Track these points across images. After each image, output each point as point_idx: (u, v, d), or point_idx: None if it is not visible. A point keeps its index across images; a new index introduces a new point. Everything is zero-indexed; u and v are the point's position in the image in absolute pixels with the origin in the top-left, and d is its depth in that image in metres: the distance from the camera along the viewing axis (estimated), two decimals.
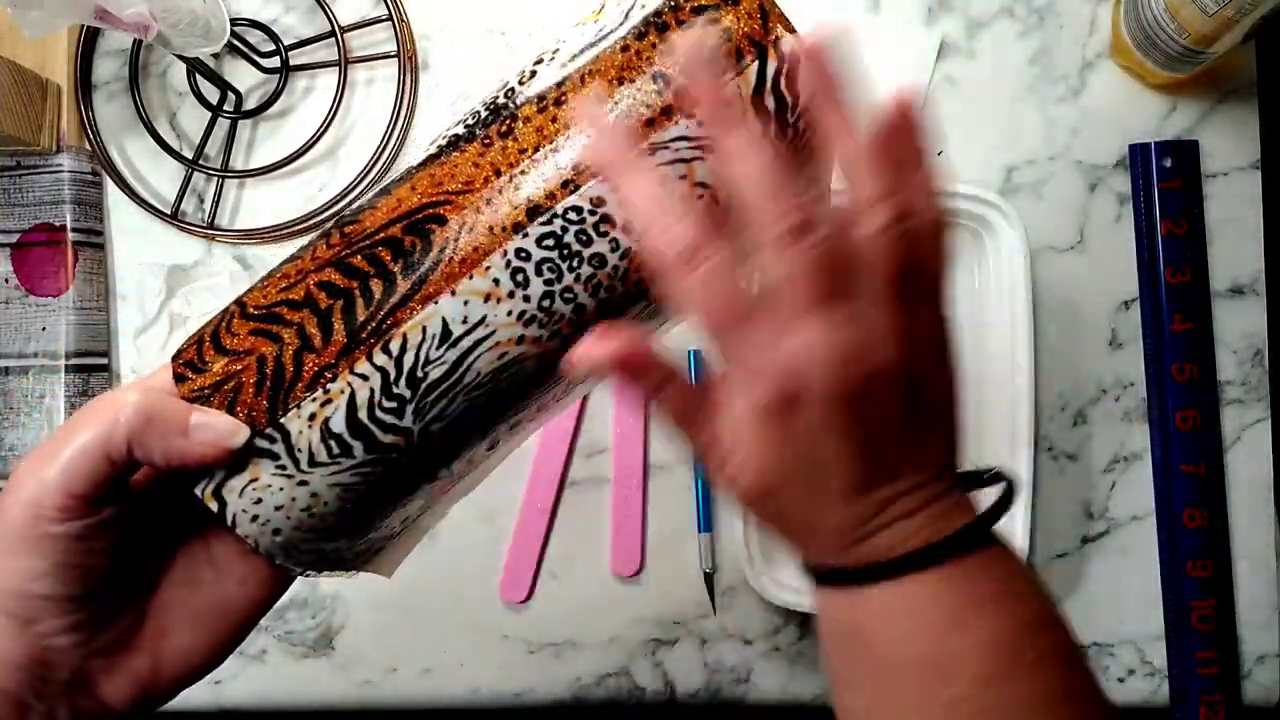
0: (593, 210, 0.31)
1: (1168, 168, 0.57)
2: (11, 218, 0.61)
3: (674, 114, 0.31)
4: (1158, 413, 0.58)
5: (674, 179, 0.31)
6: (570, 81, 0.32)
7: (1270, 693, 0.58)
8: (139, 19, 0.50)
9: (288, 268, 0.33)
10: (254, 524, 0.32)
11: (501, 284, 0.31)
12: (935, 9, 0.59)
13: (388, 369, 0.31)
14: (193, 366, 0.32)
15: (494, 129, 0.32)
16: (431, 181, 0.32)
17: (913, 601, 0.31)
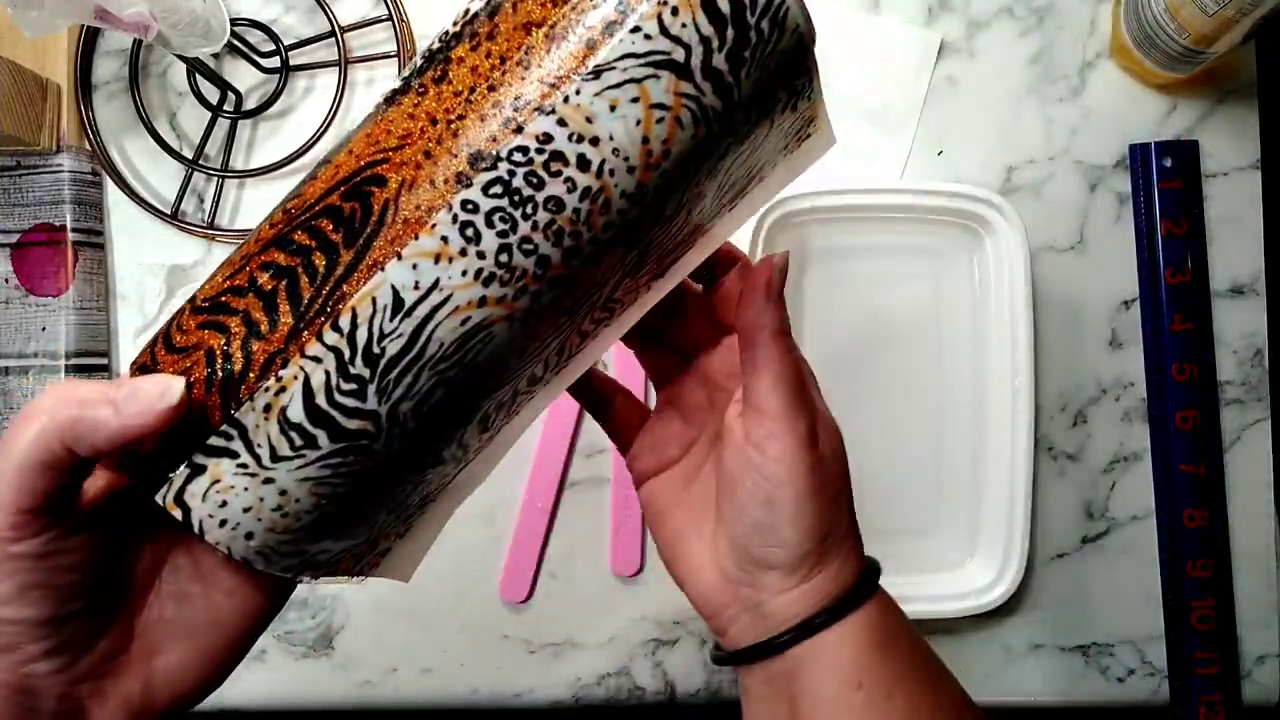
0: (540, 149, 0.27)
1: (1168, 168, 0.57)
2: (11, 218, 0.61)
3: (615, 29, 0.27)
4: (1158, 413, 0.58)
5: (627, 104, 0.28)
6: (502, 12, 0.28)
7: (1270, 693, 0.58)
8: (139, 19, 0.50)
9: (234, 255, 0.31)
10: (223, 529, 0.29)
11: (451, 242, 0.28)
12: (935, 9, 0.59)
13: (340, 348, 0.28)
14: (144, 369, 0.30)
15: (428, 75, 0.29)
16: (368, 141, 0.29)
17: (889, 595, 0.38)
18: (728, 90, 0.29)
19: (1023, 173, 0.59)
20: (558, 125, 0.27)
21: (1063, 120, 0.59)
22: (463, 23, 0.29)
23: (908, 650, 0.37)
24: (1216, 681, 0.57)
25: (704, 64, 0.28)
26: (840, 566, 0.36)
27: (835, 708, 0.35)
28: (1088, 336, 0.59)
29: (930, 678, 0.37)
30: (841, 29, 0.59)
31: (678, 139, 0.28)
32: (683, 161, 0.29)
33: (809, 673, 0.35)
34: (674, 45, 0.27)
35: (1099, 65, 0.59)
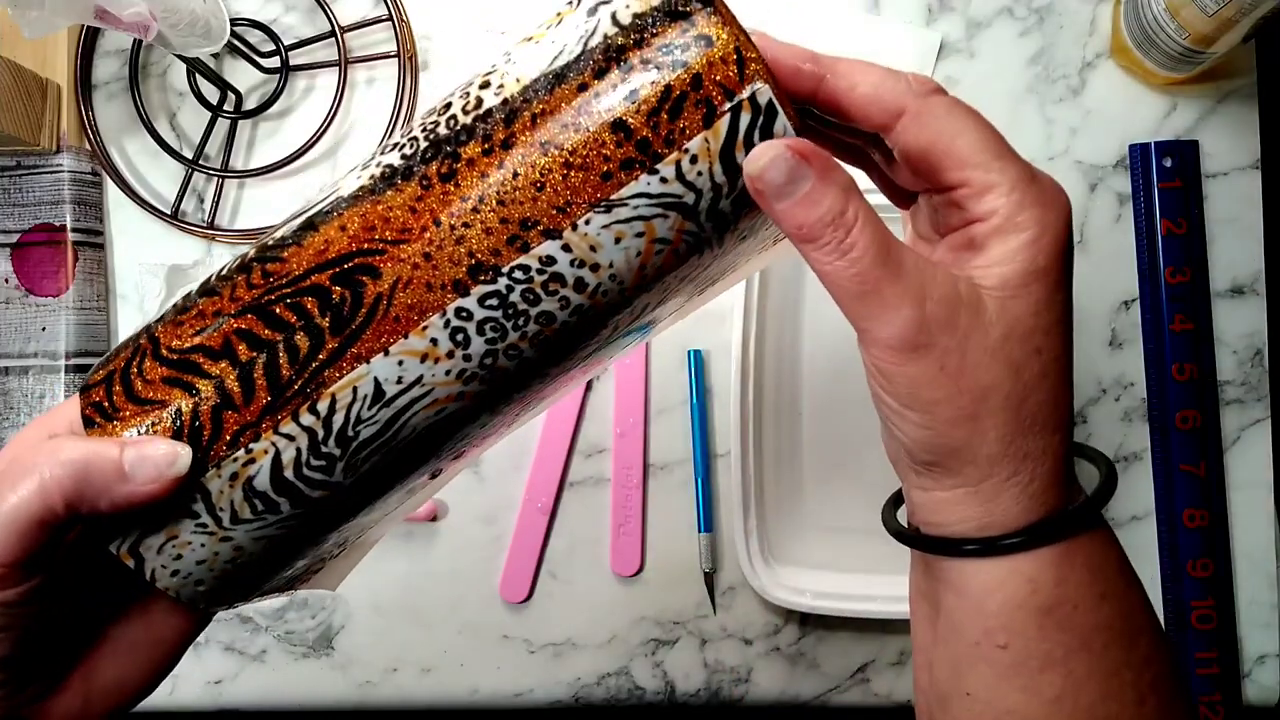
0: (541, 270, 0.28)
1: (1168, 168, 0.57)
2: (11, 218, 0.61)
3: (634, 169, 0.28)
4: (1158, 413, 0.58)
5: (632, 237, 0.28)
6: (520, 120, 0.28)
7: (1270, 693, 0.58)
8: (139, 19, 0.50)
9: (204, 304, 0.30)
10: (174, 578, 0.30)
11: (440, 344, 0.28)
12: (935, 9, 0.59)
13: (315, 429, 0.29)
14: (102, 411, 0.29)
15: (434, 168, 0.28)
16: (363, 223, 0.29)
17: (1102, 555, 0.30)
18: (726, 226, 0.29)
19: None
20: (562, 250, 0.28)
21: (1063, 120, 0.59)
22: (474, 116, 0.29)
23: (1089, 627, 0.30)
24: (1216, 681, 0.57)
25: (711, 207, 0.29)
26: (996, 496, 0.30)
27: (975, 652, 0.30)
28: (1088, 336, 0.59)
29: (1110, 667, 0.30)
30: (841, 29, 0.59)
31: (671, 264, 0.29)
32: (670, 278, 0.30)
33: (952, 597, 0.31)
34: (687, 190, 0.28)
35: (1099, 65, 0.59)
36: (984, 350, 0.28)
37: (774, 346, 0.58)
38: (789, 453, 0.58)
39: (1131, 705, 0.30)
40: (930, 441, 0.29)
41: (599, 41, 0.28)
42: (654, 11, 0.28)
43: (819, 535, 0.58)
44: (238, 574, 0.31)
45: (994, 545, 0.30)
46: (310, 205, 0.30)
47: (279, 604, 0.61)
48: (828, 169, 0.28)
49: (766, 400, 0.57)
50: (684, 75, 0.28)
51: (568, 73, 0.28)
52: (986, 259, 0.29)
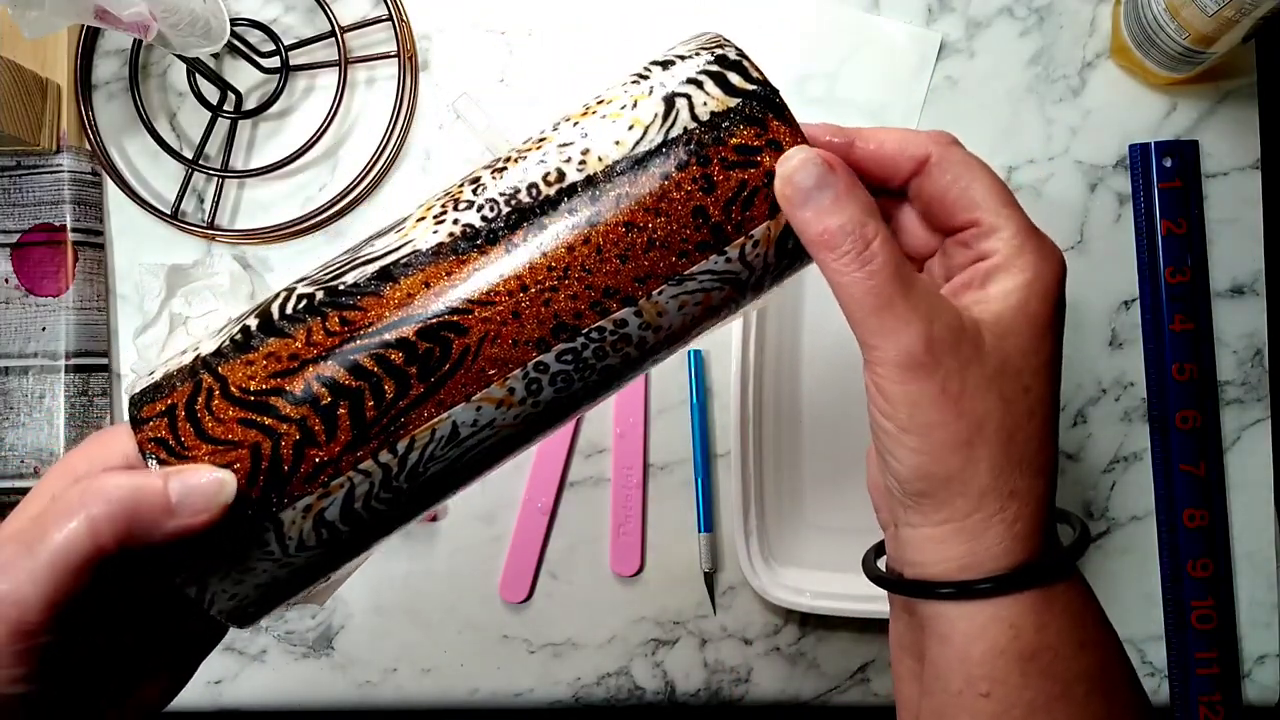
0: (614, 331, 0.31)
1: (1168, 168, 0.57)
2: (11, 218, 0.61)
3: (707, 250, 0.31)
4: (1158, 413, 0.58)
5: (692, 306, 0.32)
6: (606, 199, 0.31)
7: (1270, 693, 0.58)
8: (139, 19, 0.50)
9: (276, 345, 0.31)
10: (231, 602, 0.31)
11: (516, 393, 0.31)
12: (935, 9, 0.59)
13: (391, 466, 0.31)
14: (166, 447, 0.30)
15: (519, 234, 0.31)
16: (448, 281, 0.31)
17: (1081, 603, 0.31)
18: (760, 292, 0.33)
19: (1023, 173, 0.59)
20: (635, 315, 0.31)
21: (1063, 120, 0.59)
22: (558, 189, 0.31)
23: (1071, 675, 0.30)
24: (1216, 681, 0.57)
25: (756, 281, 0.33)
26: (982, 533, 0.30)
27: (957, 703, 0.31)
28: (1088, 336, 0.59)
29: (1094, 716, 0.30)
30: (841, 29, 0.59)
31: (710, 324, 0.33)
32: (702, 332, 0.34)
33: (936, 645, 0.31)
34: (744, 268, 0.32)
35: (1099, 65, 0.59)
36: (982, 379, 0.30)
37: (774, 346, 0.58)
38: (789, 453, 0.58)
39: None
40: (925, 468, 0.30)
41: (680, 133, 0.31)
42: (731, 112, 0.31)
43: (819, 535, 0.58)
44: (282, 594, 0.32)
45: (976, 587, 0.30)
46: (381, 253, 0.32)
47: None
48: (853, 183, 0.31)
49: (766, 400, 0.57)
50: (758, 173, 0.31)
51: (650, 160, 0.31)
52: (985, 295, 0.31)
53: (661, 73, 0.33)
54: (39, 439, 0.60)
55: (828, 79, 0.59)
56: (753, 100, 0.31)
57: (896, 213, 0.35)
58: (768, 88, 0.32)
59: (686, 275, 0.31)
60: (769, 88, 0.32)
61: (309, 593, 0.35)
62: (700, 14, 0.60)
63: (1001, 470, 0.30)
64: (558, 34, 0.61)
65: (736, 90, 0.32)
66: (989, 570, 0.30)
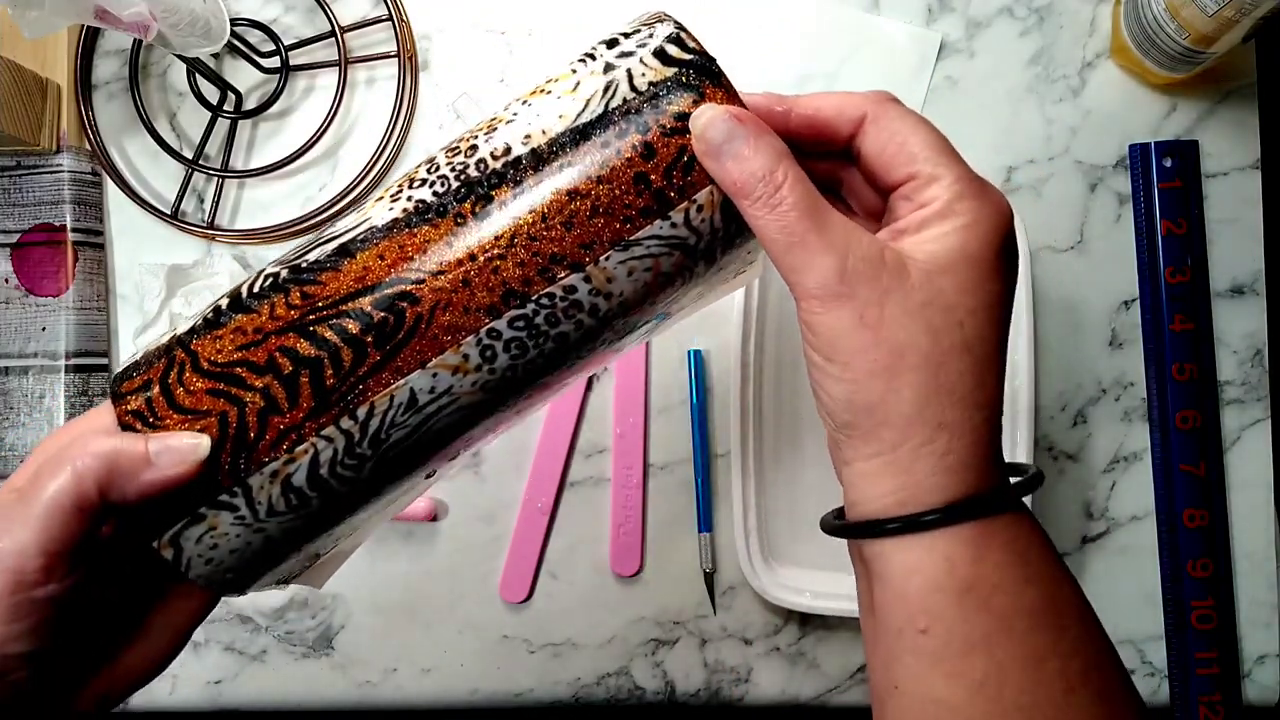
0: (564, 298, 0.32)
1: (1168, 168, 0.57)
2: (11, 218, 0.61)
3: (651, 215, 0.32)
4: (1158, 413, 0.58)
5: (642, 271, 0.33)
6: (549, 169, 0.32)
7: (1270, 693, 0.58)
8: (139, 19, 0.50)
9: (242, 320, 0.32)
10: (207, 567, 0.33)
11: (470, 359, 0.32)
12: (935, 9, 0.59)
13: (353, 432, 0.32)
14: (142, 418, 0.32)
15: (467, 206, 0.32)
16: (401, 254, 0.32)
17: (1026, 539, 0.31)
18: (714, 261, 0.34)
19: (1023, 173, 0.59)
20: (584, 281, 0.32)
21: (1063, 120, 0.59)
22: (504, 162, 0.33)
23: (1011, 610, 0.30)
24: (1216, 681, 0.57)
25: (707, 247, 0.33)
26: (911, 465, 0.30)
27: (898, 642, 0.31)
28: (1088, 336, 0.59)
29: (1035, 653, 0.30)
30: (841, 29, 0.59)
31: (666, 293, 0.34)
32: (662, 303, 0.35)
33: (878, 584, 0.31)
34: (690, 233, 0.33)
35: (1099, 65, 0.59)
36: (903, 309, 0.30)
37: (774, 346, 0.58)
38: (789, 453, 0.58)
39: (1059, 694, 0.30)
40: (848, 397, 0.31)
41: (619, 104, 0.32)
42: (668, 81, 0.33)
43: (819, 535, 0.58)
44: (259, 562, 0.34)
45: (911, 522, 0.30)
46: (341, 232, 0.33)
47: (279, 604, 0.61)
48: (761, 132, 0.32)
49: (766, 400, 0.57)
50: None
51: (591, 130, 0.32)
52: (920, 237, 0.31)
53: (605, 50, 0.34)
54: (39, 439, 0.60)
55: (828, 79, 0.59)
56: (689, 69, 0.33)
57: (846, 176, 0.36)
58: (704, 57, 0.33)
59: (632, 241, 0.32)
60: (705, 57, 0.33)
61: (296, 569, 0.36)
62: (700, 14, 0.60)
63: (927, 400, 0.30)
64: (558, 34, 0.61)
65: (674, 60, 0.33)
66: (923, 505, 0.30)
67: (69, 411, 0.60)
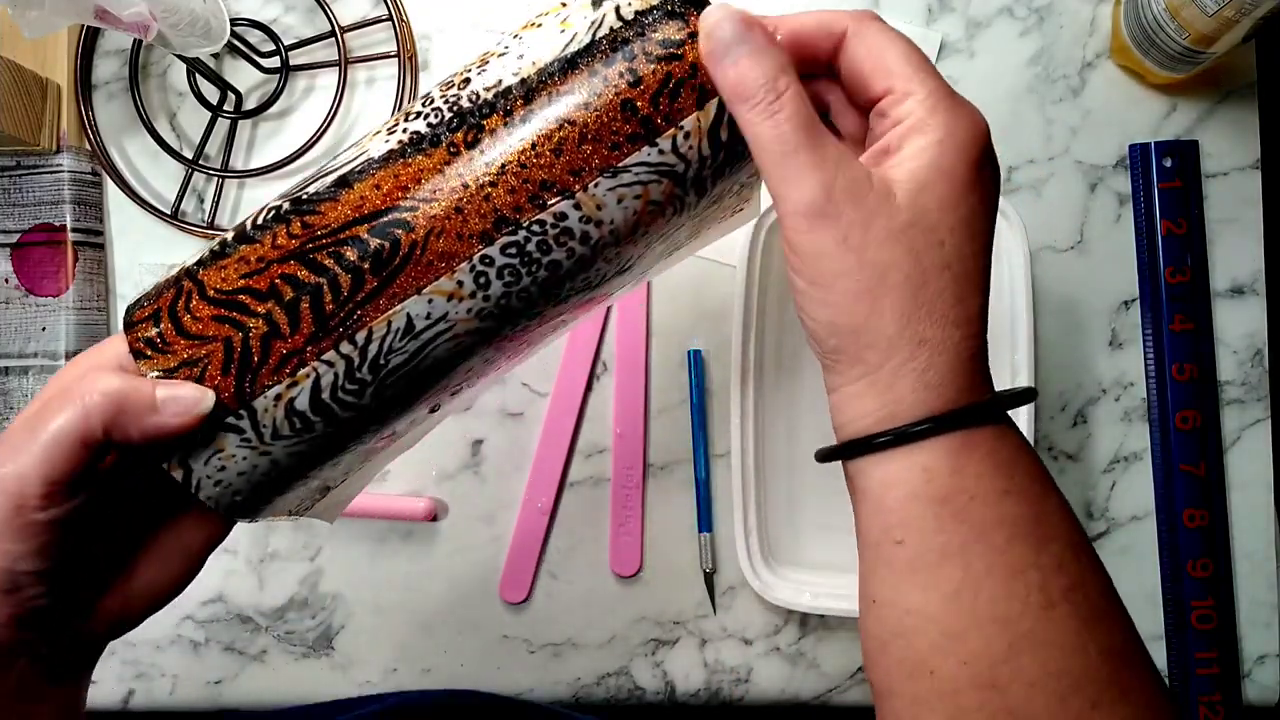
0: (555, 224, 0.33)
1: (1168, 168, 0.57)
2: (11, 218, 0.61)
3: (638, 142, 0.33)
4: (1158, 413, 0.58)
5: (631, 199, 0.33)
6: (539, 99, 0.33)
7: (1270, 693, 0.58)
8: (139, 19, 0.50)
9: (245, 250, 0.34)
10: (216, 488, 0.34)
11: (465, 286, 0.33)
12: (935, 9, 0.59)
13: (352, 357, 0.33)
14: (153, 345, 0.33)
15: (459, 136, 0.33)
16: (396, 183, 0.33)
17: (1009, 454, 0.31)
18: (705, 192, 0.35)
19: (1023, 173, 0.59)
20: (574, 208, 0.33)
21: (1063, 120, 0.59)
22: (495, 92, 0.33)
23: (989, 520, 0.30)
24: (1216, 681, 0.57)
25: (696, 176, 0.34)
26: (894, 383, 0.30)
27: (875, 555, 0.31)
28: (1088, 336, 0.59)
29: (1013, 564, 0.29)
30: None
31: (658, 223, 0.34)
32: (655, 235, 0.35)
33: (860, 501, 0.32)
34: (679, 160, 0.33)
35: (1099, 65, 0.59)
36: (887, 230, 0.30)
37: (774, 346, 0.58)
38: (789, 452, 0.58)
39: (1037, 608, 0.29)
40: (833, 321, 0.31)
41: (606, 32, 0.33)
42: (654, 10, 0.33)
43: (819, 535, 0.58)
44: (268, 486, 0.35)
45: (889, 436, 0.30)
46: (339, 165, 0.34)
47: (279, 604, 0.61)
48: (770, 40, 0.32)
49: (766, 400, 0.57)
50: (682, 65, 0.33)
51: (579, 59, 0.33)
52: (899, 156, 0.31)
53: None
54: None
55: None
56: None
57: (833, 99, 0.36)
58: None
59: (621, 167, 0.33)
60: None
61: (306, 500, 0.37)
62: None
63: (909, 318, 0.30)
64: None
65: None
66: (904, 420, 0.30)
67: None
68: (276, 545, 0.61)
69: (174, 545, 0.37)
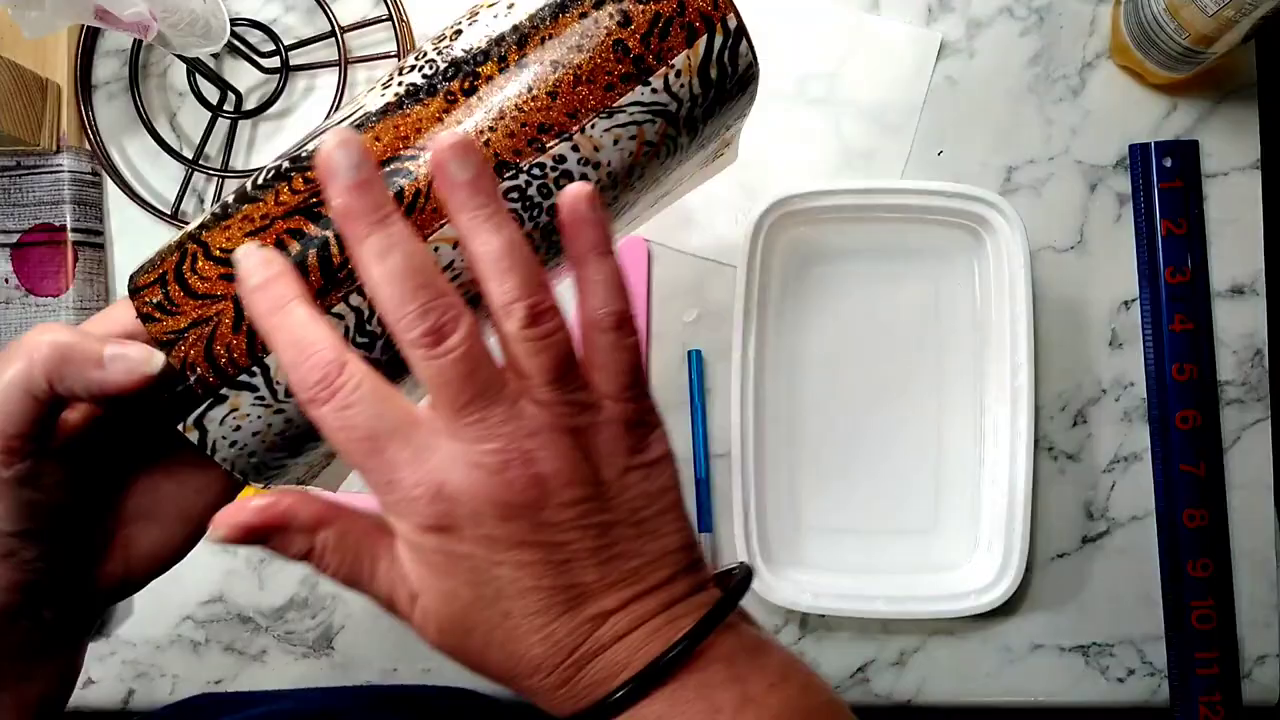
0: (554, 167, 0.33)
1: (1168, 168, 0.57)
2: (11, 218, 0.61)
3: (631, 81, 0.33)
4: (1158, 413, 0.58)
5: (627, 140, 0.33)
6: (531, 43, 0.33)
7: (1270, 693, 0.58)
8: (139, 19, 0.50)
9: (249, 209, 0.33)
10: (231, 449, 0.34)
11: None
12: (935, 9, 0.59)
13: (362, 309, 0.33)
14: (160, 308, 0.33)
15: (455, 84, 0.33)
16: (396, 134, 0.33)
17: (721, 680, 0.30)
18: (696, 133, 0.35)
19: (1023, 173, 0.59)
20: (571, 150, 0.33)
21: (1063, 120, 0.59)
22: (488, 39, 0.33)
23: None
24: (1216, 681, 0.57)
25: (688, 115, 0.35)
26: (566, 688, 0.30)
27: None
28: (1088, 336, 0.59)
29: None
30: (841, 29, 0.59)
31: (652, 165, 0.35)
32: (649, 180, 0.36)
33: None
34: (671, 99, 0.34)
35: (1099, 65, 0.59)
36: None
37: (774, 346, 0.58)
38: (789, 453, 0.58)
39: None
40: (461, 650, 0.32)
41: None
42: None
43: (819, 535, 0.58)
44: (282, 445, 0.34)
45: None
46: (337, 121, 0.34)
47: (279, 604, 0.61)
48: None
49: (766, 400, 0.57)
50: (670, 4, 0.33)
51: (569, 3, 0.33)
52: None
53: None
54: None
55: (828, 79, 0.59)
56: None
57: None
58: None
59: (615, 108, 0.33)
60: None
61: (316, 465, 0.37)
62: None
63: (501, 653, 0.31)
64: None
65: None
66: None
67: None
68: None
69: (171, 509, 0.36)
